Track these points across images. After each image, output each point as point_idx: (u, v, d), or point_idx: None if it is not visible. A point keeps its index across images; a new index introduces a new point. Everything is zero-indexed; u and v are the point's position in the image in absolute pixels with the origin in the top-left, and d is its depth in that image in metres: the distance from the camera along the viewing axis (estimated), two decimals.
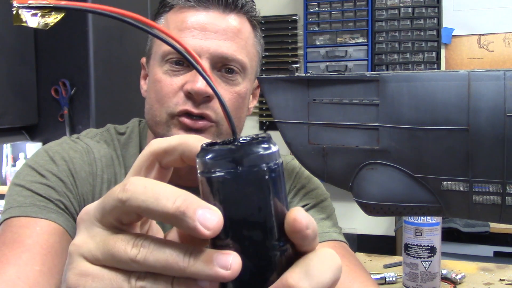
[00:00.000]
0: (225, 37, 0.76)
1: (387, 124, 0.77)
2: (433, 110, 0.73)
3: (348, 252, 0.83)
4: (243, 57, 0.78)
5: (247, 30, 0.80)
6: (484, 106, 0.71)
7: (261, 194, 0.31)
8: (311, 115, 0.82)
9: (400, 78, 0.76)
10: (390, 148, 0.77)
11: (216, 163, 0.31)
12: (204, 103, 0.75)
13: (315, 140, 0.82)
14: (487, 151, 0.71)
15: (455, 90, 0.72)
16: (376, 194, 0.79)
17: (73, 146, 0.82)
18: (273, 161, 0.31)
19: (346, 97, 0.79)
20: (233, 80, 0.77)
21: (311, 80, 0.81)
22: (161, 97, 0.76)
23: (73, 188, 0.78)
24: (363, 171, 0.80)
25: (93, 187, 0.80)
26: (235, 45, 0.77)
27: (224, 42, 0.76)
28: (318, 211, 0.86)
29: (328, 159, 0.82)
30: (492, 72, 0.71)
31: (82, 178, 0.79)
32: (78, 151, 0.82)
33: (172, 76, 0.76)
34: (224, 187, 0.31)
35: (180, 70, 0.76)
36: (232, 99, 0.77)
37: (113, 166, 0.83)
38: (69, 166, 0.79)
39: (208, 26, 0.76)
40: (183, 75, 0.76)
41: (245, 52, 0.79)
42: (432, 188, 0.76)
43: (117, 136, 0.87)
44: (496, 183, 0.72)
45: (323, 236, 0.82)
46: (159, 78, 0.77)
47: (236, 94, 0.78)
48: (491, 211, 0.73)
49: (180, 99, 0.75)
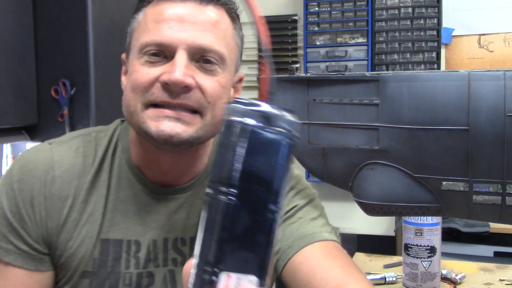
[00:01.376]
0: (203, 28, 0.76)
1: (387, 124, 0.77)
2: (433, 110, 0.73)
3: (340, 251, 0.83)
4: (221, 48, 0.77)
5: (225, 22, 0.80)
6: (484, 106, 0.71)
7: (277, 155, 0.34)
8: (311, 115, 0.81)
9: (400, 78, 0.76)
10: (390, 148, 0.77)
11: (251, 112, 0.35)
12: (183, 94, 0.74)
13: (315, 140, 0.82)
14: (487, 151, 0.71)
15: (455, 90, 0.72)
16: (376, 194, 0.79)
17: (38, 160, 0.83)
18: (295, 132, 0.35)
19: (346, 97, 0.79)
20: (212, 70, 0.77)
21: (311, 80, 0.81)
22: (136, 86, 0.75)
23: (29, 219, 0.81)
24: (363, 171, 0.80)
25: (51, 209, 0.81)
26: (213, 36, 0.76)
27: (202, 33, 0.75)
28: (308, 211, 0.86)
29: (328, 159, 0.82)
30: (492, 72, 0.71)
31: (39, 203, 0.81)
32: (39, 168, 0.82)
33: (149, 67, 0.75)
34: (251, 135, 0.34)
35: (157, 61, 0.75)
36: (214, 87, 0.76)
37: (76, 179, 0.83)
38: (27, 193, 0.81)
39: (186, 18, 0.75)
40: (160, 66, 0.75)
41: (223, 43, 0.78)
42: (432, 188, 0.76)
43: (96, 141, 0.87)
44: (496, 183, 0.72)
45: (315, 237, 0.82)
46: (136, 68, 0.76)
47: (217, 82, 0.77)
48: (491, 211, 0.73)
49: (156, 90, 0.74)
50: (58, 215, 0.81)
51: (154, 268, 0.83)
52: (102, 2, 1.79)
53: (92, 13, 1.75)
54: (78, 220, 0.82)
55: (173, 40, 0.74)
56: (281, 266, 0.81)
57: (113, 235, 0.82)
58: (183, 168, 0.84)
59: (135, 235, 0.83)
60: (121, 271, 0.82)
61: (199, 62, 0.76)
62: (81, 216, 0.82)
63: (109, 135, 0.87)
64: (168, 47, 0.75)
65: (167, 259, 0.84)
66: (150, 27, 0.76)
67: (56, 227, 0.81)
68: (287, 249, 0.81)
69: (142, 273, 0.83)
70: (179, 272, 0.85)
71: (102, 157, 0.85)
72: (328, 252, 0.80)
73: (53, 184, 0.81)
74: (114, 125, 0.90)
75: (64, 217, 0.81)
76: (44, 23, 1.82)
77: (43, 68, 1.84)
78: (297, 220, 0.84)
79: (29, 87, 1.83)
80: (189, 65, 0.75)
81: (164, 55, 0.75)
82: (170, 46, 0.74)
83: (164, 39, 0.74)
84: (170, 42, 0.74)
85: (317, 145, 0.82)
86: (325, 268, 0.77)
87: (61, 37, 1.79)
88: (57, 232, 0.81)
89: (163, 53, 0.75)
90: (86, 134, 0.88)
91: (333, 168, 0.82)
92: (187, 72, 0.74)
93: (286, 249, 0.81)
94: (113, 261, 0.82)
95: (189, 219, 0.85)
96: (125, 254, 0.82)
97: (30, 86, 1.83)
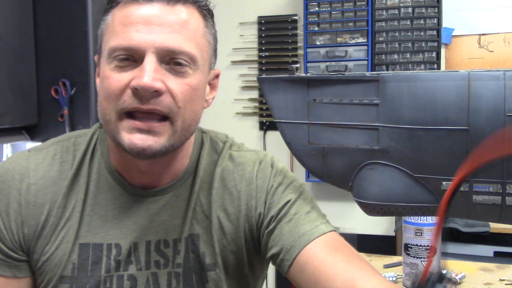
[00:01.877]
0: (171, 29, 0.75)
1: (387, 124, 0.77)
2: (433, 110, 0.73)
3: (340, 242, 0.83)
4: (191, 49, 0.76)
5: (195, 21, 0.78)
6: (484, 106, 0.71)
7: None
8: (311, 115, 0.81)
9: (400, 78, 0.76)
10: (390, 148, 0.77)
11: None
12: (153, 98, 0.73)
13: (315, 140, 0.82)
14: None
15: (455, 90, 0.72)
16: (376, 194, 0.79)
17: (14, 169, 0.85)
18: None
19: (346, 97, 0.79)
20: (183, 72, 0.76)
21: (311, 80, 0.81)
22: (108, 95, 0.75)
23: (4, 227, 0.82)
24: (363, 171, 0.80)
25: (26, 217, 0.82)
26: (182, 37, 0.75)
27: (170, 35, 0.74)
28: (301, 205, 0.86)
29: (328, 159, 0.82)
30: (492, 72, 0.71)
31: (14, 211, 0.82)
32: (14, 177, 0.84)
33: (120, 72, 0.75)
34: None
35: (127, 65, 0.75)
36: (184, 91, 0.76)
37: (52, 186, 0.84)
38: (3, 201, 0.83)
39: (153, 19, 0.74)
40: (130, 71, 0.74)
41: (193, 43, 0.77)
42: (432, 188, 0.76)
43: (75, 146, 0.88)
44: (496, 183, 0.72)
45: (313, 233, 0.82)
46: (107, 75, 0.76)
47: (187, 85, 0.76)
48: (491, 211, 0.73)
49: (127, 97, 0.74)
50: (35, 222, 0.82)
51: (136, 271, 0.83)
52: (102, 2, 1.79)
53: (92, 13, 1.75)
54: (56, 224, 0.83)
55: (140, 44, 0.73)
56: (287, 266, 0.81)
57: (92, 239, 0.83)
58: (162, 170, 0.85)
59: (115, 238, 0.83)
60: (101, 275, 0.82)
61: (169, 64, 0.76)
62: (59, 221, 0.83)
63: (87, 140, 0.88)
64: (136, 51, 0.74)
65: (149, 261, 0.84)
66: (118, 30, 0.75)
67: (34, 233, 0.82)
68: (290, 249, 0.81)
69: (123, 275, 0.83)
70: (162, 274, 0.84)
71: (80, 161, 0.86)
72: (329, 247, 0.80)
73: (28, 192, 0.83)
74: (93, 129, 0.91)
75: (42, 222, 0.82)
76: (44, 23, 1.82)
77: (43, 68, 1.84)
78: (292, 218, 0.84)
79: (29, 87, 1.83)
80: (158, 69, 0.74)
81: (133, 59, 0.75)
82: (139, 50, 0.73)
83: (132, 43, 0.73)
84: (138, 46, 0.73)
85: (317, 145, 0.82)
86: (329, 265, 0.77)
87: (61, 37, 1.79)
88: (35, 238, 0.82)
89: (132, 57, 0.74)
90: (65, 139, 0.89)
91: (333, 168, 0.82)
92: (156, 77, 0.73)
93: (289, 249, 0.81)
94: (92, 265, 0.82)
95: (172, 221, 0.85)
96: (105, 258, 0.82)
97: (30, 86, 1.83)
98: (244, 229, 0.87)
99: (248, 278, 0.91)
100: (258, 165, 0.90)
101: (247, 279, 0.90)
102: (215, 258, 0.86)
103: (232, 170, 0.89)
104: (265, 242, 0.86)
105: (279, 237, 0.83)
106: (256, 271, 0.92)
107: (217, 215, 0.86)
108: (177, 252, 0.85)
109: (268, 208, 0.86)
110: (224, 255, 0.87)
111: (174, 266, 0.84)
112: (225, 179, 0.89)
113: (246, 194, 0.87)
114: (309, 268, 0.79)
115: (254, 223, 0.87)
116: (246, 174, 0.89)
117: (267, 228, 0.85)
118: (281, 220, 0.84)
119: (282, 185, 0.88)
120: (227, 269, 0.87)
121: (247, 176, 0.89)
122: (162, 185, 0.85)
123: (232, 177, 0.89)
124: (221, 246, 0.86)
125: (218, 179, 0.88)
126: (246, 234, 0.87)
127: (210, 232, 0.86)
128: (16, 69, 1.76)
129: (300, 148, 0.83)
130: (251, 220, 0.87)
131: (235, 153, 0.92)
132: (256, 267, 0.92)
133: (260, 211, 0.87)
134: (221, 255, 0.86)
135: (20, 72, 1.78)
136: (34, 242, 0.83)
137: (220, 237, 0.86)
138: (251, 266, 0.90)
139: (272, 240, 0.84)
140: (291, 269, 0.81)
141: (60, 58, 1.81)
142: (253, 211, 0.87)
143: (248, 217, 0.87)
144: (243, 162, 0.91)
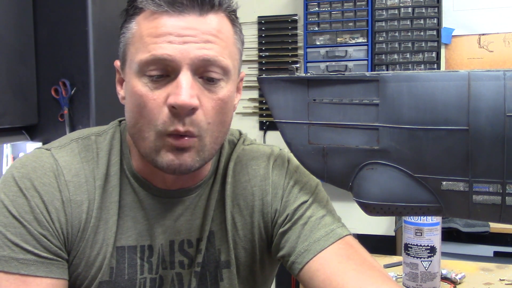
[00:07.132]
0: (205, 39, 0.73)
1: (387, 124, 0.77)
2: (433, 110, 0.73)
3: (353, 248, 0.82)
4: (225, 59, 0.75)
5: (227, 29, 0.77)
6: (484, 106, 0.71)
7: None
8: (311, 115, 0.81)
9: (400, 78, 0.76)
10: (390, 148, 0.77)
11: None
12: (188, 116, 0.72)
13: (315, 140, 0.82)
14: (487, 151, 0.71)
15: (455, 90, 0.72)
16: (376, 194, 0.79)
17: (44, 167, 0.79)
18: None
19: (346, 97, 0.79)
20: (216, 86, 0.75)
21: (311, 80, 0.81)
22: (146, 114, 0.73)
23: (49, 225, 0.76)
24: (363, 171, 0.80)
25: (70, 215, 0.78)
26: (217, 47, 0.74)
27: (205, 45, 0.72)
28: (316, 208, 0.85)
29: (328, 159, 0.82)
30: (492, 72, 0.71)
31: (56, 209, 0.77)
32: (48, 175, 0.78)
33: (153, 90, 0.73)
34: None
35: (160, 81, 0.73)
36: (216, 106, 0.75)
37: (85, 184, 0.80)
38: (42, 198, 0.76)
39: (186, 31, 0.71)
40: (164, 87, 0.72)
41: (227, 53, 0.76)
42: (432, 188, 0.76)
43: (97, 144, 0.84)
44: (496, 183, 0.72)
45: (329, 238, 0.81)
46: (139, 91, 0.73)
47: (220, 101, 0.75)
48: (491, 211, 0.73)
49: (165, 117, 0.72)
50: (78, 221, 0.79)
51: (162, 270, 0.83)
52: (102, 2, 1.79)
53: (92, 13, 1.75)
54: (96, 226, 0.80)
55: (175, 55, 0.71)
56: (298, 268, 0.81)
57: (126, 241, 0.81)
58: (188, 178, 0.84)
59: (148, 240, 0.82)
60: (137, 278, 0.81)
61: (202, 78, 0.74)
62: (98, 223, 0.80)
63: (109, 139, 0.85)
64: (170, 63, 0.71)
65: (174, 261, 0.84)
66: (148, 41, 0.72)
67: (77, 232, 0.79)
68: (303, 252, 0.81)
69: (156, 278, 0.83)
70: (187, 274, 0.84)
71: (107, 162, 0.83)
72: (341, 255, 0.80)
73: (67, 189, 0.79)
74: (112, 128, 0.88)
75: (84, 222, 0.79)
76: (44, 23, 1.82)
77: (43, 68, 1.84)
78: (307, 221, 0.83)
79: (29, 87, 1.83)
80: (193, 84, 0.72)
81: (166, 73, 0.73)
82: (172, 62, 0.71)
83: (165, 55, 0.71)
84: (172, 58, 0.71)
85: (317, 145, 0.82)
86: (340, 275, 0.77)
87: (61, 37, 1.79)
88: (78, 239, 0.79)
89: (165, 71, 0.72)
90: (85, 137, 0.85)
91: (333, 168, 0.82)
92: (193, 93, 0.72)
93: (302, 252, 0.81)
94: (129, 268, 0.81)
95: (194, 220, 0.85)
96: (139, 260, 0.82)
97: (30, 86, 1.83)
98: (258, 225, 0.86)
99: (257, 277, 0.90)
100: (273, 160, 0.90)
101: (255, 278, 0.90)
102: (229, 255, 0.85)
103: (246, 165, 0.89)
104: (277, 241, 0.85)
105: (292, 239, 0.83)
106: (265, 270, 0.92)
107: (230, 211, 0.86)
108: (199, 251, 0.84)
109: (284, 206, 0.86)
110: (236, 252, 0.86)
111: (196, 266, 0.84)
112: (239, 173, 0.88)
113: (261, 189, 0.87)
114: (320, 275, 0.78)
115: (269, 219, 0.86)
116: (260, 169, 0.88)
117: (281, 227, 0.85)
118: (296, 222, 0.83)
119: (298, 183, 0.87)
120: (238, 267, 0.87)
121: (262, 172, 0.88)
122: (187, 187, 0.84)
123: (246, 172, 0.88)
124: (234, 242, 0.86)
125: (231, 174, 0.87)
126: (260, 230, 0.87)
127: (225, 228, 0.85)
128: (16, 69, 1.76)
129: (300, 148, 0.83)
130: (267, 217, 0.86)
131: (248, 147, 0.91)
132: (267, 266, 0.91)
133: (277, 208, 0.86)
134: (234, 252, 0.86)
135: (20, 72, 1.78)
136: (76, 244, 0.79)
137: (233, 232, 0.86)
138: (262, 264, 0.89)
139: (285, 240, 0.84)
140: (301, 272, 0.80)
141: (60, 58, 1.81)
142: (269, 207, 0.86)
143: (264, 213, 0.86)
144: (257, 156, 0.90)
